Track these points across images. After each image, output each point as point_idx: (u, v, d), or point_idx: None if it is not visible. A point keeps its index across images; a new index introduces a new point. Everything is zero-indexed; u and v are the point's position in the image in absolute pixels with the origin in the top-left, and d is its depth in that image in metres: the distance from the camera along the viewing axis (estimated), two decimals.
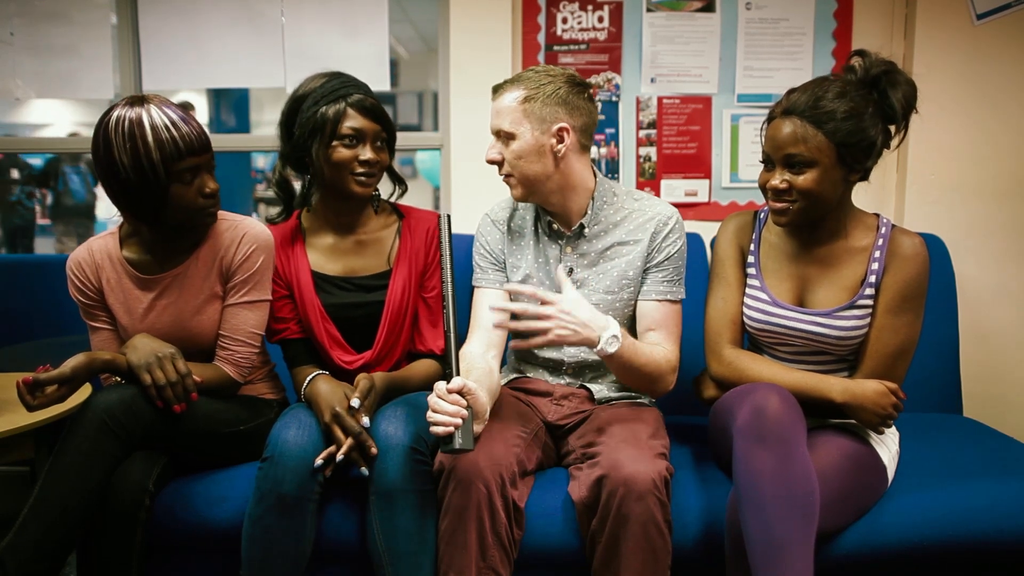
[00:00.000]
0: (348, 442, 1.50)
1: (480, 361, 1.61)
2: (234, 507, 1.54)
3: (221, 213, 1.68)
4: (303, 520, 1.47)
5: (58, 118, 6.71)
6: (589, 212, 1.68)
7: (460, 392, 1.39)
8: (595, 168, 1.72)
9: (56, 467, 1.41)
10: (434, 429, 1.37)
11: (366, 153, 1.65)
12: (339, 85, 1.66)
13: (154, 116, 1.47)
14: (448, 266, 1.50)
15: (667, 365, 1.61)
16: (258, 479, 1.48)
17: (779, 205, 1.53)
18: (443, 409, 1.37)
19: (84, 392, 1.63)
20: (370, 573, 1.51)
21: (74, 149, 3.10)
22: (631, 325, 1.71)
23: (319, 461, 1.48)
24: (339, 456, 1.49)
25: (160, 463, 1.52)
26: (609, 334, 1.48)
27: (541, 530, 1.50)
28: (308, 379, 1.66)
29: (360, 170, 1.66)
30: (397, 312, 1.74)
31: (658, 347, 1.62)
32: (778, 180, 1.51)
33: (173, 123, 1.47)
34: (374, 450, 1.50)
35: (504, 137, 1.61)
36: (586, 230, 1.69)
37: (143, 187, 1.48)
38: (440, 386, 1.40)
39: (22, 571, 1.35)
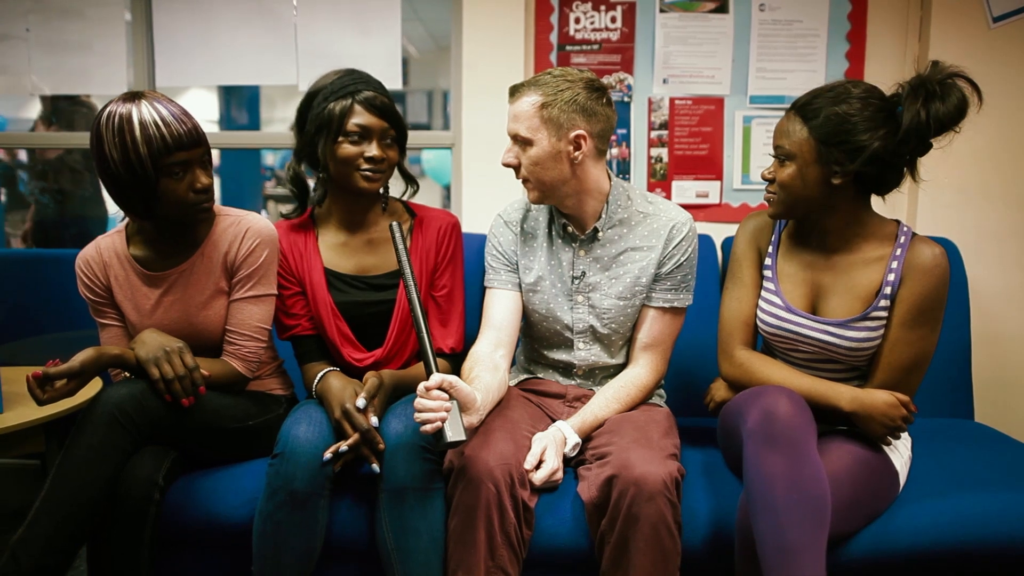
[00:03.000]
0: (354, 436, 1.51)
1: (487, 359, 1.62)
2: (244, 503, 1.55)
3: (224, 208, 1.68)
4: (314, 516, 1.48)
5: None
6: (603, 215, 1.68)
7: (440, 388, 1.40)
8: (610, 171, 1.71)
9: (67, 462, 1.41)
10: (423, 428, 1.38)
11: (372, 150, 1.65)
12: (350, 82, 1.66)
13: (144, 112, 1.47)
14: (408, 271, 1.51)
15: (643, 392, 1.69)
16: (269, 475, 1.48)
17: (766, 196, 1.58)
18: (426, 407, 1.38)
19: (94, 387, 1.63)
20: (379, 570, 1.51)
21: (73, 145, 3.12)
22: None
23: (327, 455, 1.49)
24: (343, 447, 1.49)
25: (170, 458, 1.53)
26: (568, 447, 1.58)
27: (550, 530, 1.50)
28: (319, 375, 1.66)
29: (366, 167, 1.65)
30: (408, 311, 1.74)
31: (630, 385, 1.67)
32: (766, 170, 1.56)
33: (162, 118, 1.47)
34: (382, 446, 1.50)
35: (521, 142, 1.60)
36: (600, 233, 1.68)
37: (132, 181, 1.49)
38: (420, 386, 1.41)
39: (34, 565, 1.36)
